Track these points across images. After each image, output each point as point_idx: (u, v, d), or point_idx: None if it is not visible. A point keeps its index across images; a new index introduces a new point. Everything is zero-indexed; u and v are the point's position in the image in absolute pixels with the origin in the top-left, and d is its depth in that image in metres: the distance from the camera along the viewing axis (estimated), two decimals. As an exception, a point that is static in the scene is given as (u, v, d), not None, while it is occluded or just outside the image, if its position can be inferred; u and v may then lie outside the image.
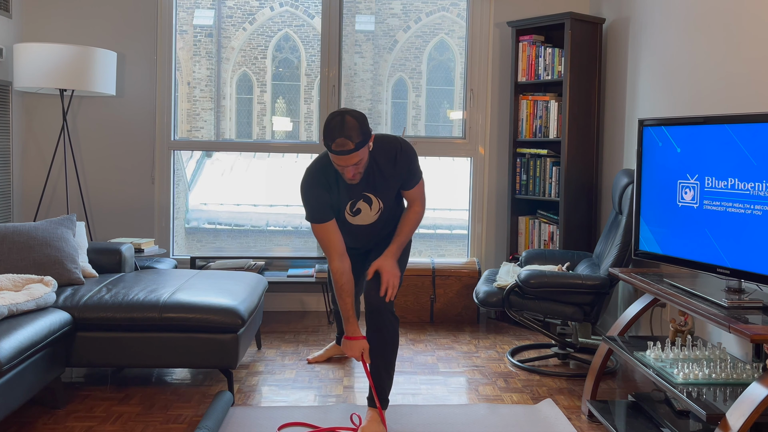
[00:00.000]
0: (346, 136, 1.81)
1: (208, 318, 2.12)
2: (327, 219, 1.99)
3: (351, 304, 2.02)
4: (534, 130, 3.26)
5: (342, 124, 1.82)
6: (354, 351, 2.02)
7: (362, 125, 1.84)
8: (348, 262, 2.02)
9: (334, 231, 2.01)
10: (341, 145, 1.82)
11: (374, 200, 2.04)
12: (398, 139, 2.03)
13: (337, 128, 1.82)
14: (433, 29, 3.56)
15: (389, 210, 2.11)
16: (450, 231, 3.70)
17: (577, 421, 2.09)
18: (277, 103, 3.56)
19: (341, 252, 2.01)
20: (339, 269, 2.00)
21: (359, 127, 1.83)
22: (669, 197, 1.99)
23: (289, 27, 3.54)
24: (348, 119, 1.83)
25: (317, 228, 2.01)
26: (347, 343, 2.03)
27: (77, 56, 2.95)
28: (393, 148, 2.00)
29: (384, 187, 2.03)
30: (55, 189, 3.37)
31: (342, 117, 1.83)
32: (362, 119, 1.86)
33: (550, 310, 2.48)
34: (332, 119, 1.84)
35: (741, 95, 2.11)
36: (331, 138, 1.83)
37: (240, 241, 3.59)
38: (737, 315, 1.60)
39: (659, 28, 2.67)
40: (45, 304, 2.09)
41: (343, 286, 2.00)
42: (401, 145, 2.01)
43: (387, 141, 2.01)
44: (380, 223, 2.12)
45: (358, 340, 2.01)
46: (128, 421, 2.02)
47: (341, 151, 1.82)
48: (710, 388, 1.68)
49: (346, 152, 1.82)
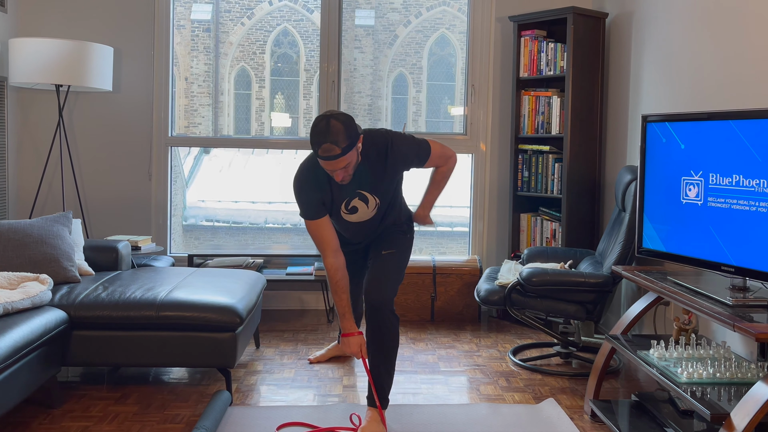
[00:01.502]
0: (332, 141, 1.78)
1: (206, 316, 2.11)
2: (319, 216, 1.98)
3: (347, 301, 2.01)
4: (536, 126, 3.24)
5: (327, 128, 1.79)
6: (352, 347, 2.01)
7: (348, 128, 1.81)
8: (342, 258, 2.02)
9: (327, 227, 2.00)
10: (327, 150, 1.79)
11: (369, 197, 2.02)
12: (388, 134, 1.98)
13: (323, 133, 1.79)
14: (434, 24, 3.54)
15: (387, 204, 2.09)
16: (451, 228, 3.68)
17: (580, 421, 2.08)
18: (276, 99, 3.54)
19: (335, 248, 2.00)
20: (333, 265, 1.99)
21: (345, 131, 1.80)
22: (673, 194, 1.97)
23: (288, 22, 3.52)
24: (333, 123, 1.80)
25: (310, 225, 2.00)
26: (345, 340, 2.02)
27: (73, 51, 2.93)
28: (383, 145, 1.96)
29: (378, 183, 2.00)
30: (51, 186, 3.36)
31: (327, 121, 1.80)
32: (348, 122, 1.82)
33: (553, 308, 2.46)
34: (317, 124, 1.81)
35: (746, 90, 2.09)
36: (317, 144, 1.80)
37: (238, 238, 3.58)
38: (742, 313, 1.59)
39: (663, 22, 2.65)
40: (40, 302, 2.08)
41: (338, 283, 1.99)
42: (392, 139, 1.97)
43: (377, 136, 1.97)
44: (378, 217, 2.10)
45: (355, 335, 2.00)
46: (125, 421, 2.01)
47: (328, 156, 1.80)
48: (714, 387, 1.67)
49: (332, 157, 1.80)
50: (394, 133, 2.00)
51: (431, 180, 2.19)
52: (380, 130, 2.00)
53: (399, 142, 1.98)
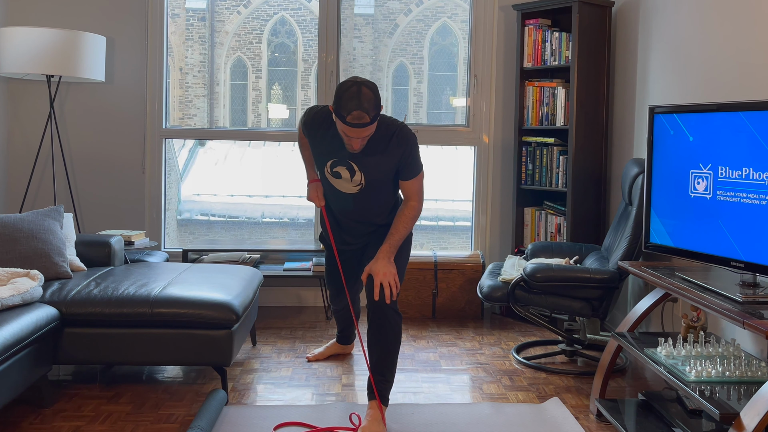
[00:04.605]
0: (364, 109, 1.78)
1: (201, 313, 2.09)
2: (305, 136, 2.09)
3: (309, 156, 2.21)
4: (540, 118, 3.21)
5: (359, 95, 1.78)
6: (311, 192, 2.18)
7: (377, 97, 1.84)
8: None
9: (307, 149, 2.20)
10: (358, 117, 1.78)
11: (357, 172, 2.00)
12: (399, 124, 1.99)
13: (355, 99, 1.78)
14: (436, 13, 3.48)
15: (377, 193, 2.05)
16: (453, 223, 3.66)
17: (585, 421, 2.07)
18: (273, 90, 3.49)
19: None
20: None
21: (374, 100, 1.81)
22: (681, 188, 1.96)
23: (285, 10, 3.47)
24: (365, 90, 1.79)
25: (301, 137, 2.20)
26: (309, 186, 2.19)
27: (64, 41, 2.89)
28: (391, 128, 1.96)
29: (371, 164, 1.98)
30: (42, 179, 3.33)
31: (359, 87, 1.79)
32: (377, 91, 1.85)
33: (557, 305, 2.44)
34: (348, 89, 1.79)
35: (756, 81, 2.06)
36: (346, 109, 1.78)
37: (234, 233, 3.55)
38: (752, 310, 1.57)
39: (671, 11, 2.62)
40: (31, 298, 2.06)
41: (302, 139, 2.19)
42: (400, 129, 1.97)
43: (388, 121, 1.98)
44: (364, 201, 2.06)
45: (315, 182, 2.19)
46: (118, 420, 1.99)
47: (357, 124, 1.79)
48: (724, 386, 1.65)
49: (362, 125, 1.79)
50: (406, 127, 2.00)
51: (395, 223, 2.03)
52: (393, 118, 2.02)
53: (406, 135, 1.97)
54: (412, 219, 2.03)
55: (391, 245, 1.98)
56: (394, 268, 1.95)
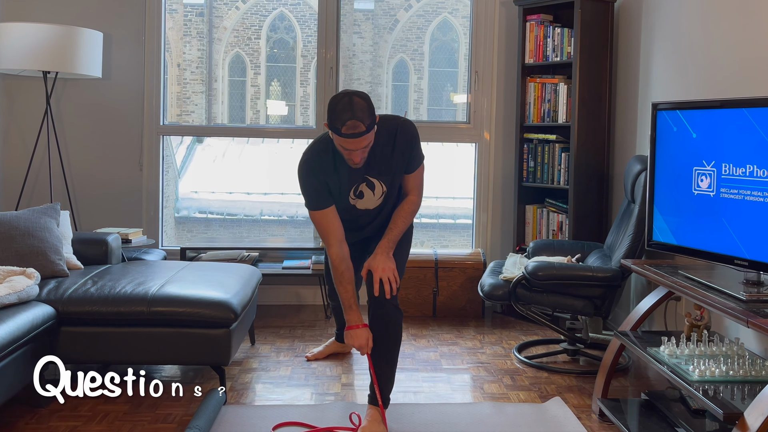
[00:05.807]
0: (358, 118, 1.76)
1: (199, 312, 2.08)
2: (326, 206, 1.96)
3: (352, 292, 1.98)
4: (542, 115, 3.19)
5: (351, 104, 1.77)
6: (360, 340, 1.95)
7: (370, 106, 1.82)
8: (347, 248, 1.99)
9: (333, 217, 1.98)
10: (353, 127, 1.77)
11: (377, 184, 2.00)
12: (398, 118, 1.99)
13: (347, 109, 1.77)
14: (436, 8, 3.47)
15: (395, 191, 2.06)
16: (454, 220, 3.65)
17: (588, 421, 2.06)
18: (272, 86, 3.48)
19: (340, 238, 1.98)
20: (338, 255, 1.96)
21: (367, 108, 1.80)
22: (684, 185, 1.95)
23: (284, 6, 3.45)
24: (356, 100, 1.79)
25: (316, 215, 1.98)
26: (350, 333, 1.97)
27: (61, 36, 2.88)
28: (393, 127, 1.95)
29: (386, 169, 1.98)
30: (38, 176, 3.31)
31: (350, 98, 1.79)
32: (369, 99, 1.84)
33: (559, 303, 2.43)
34: (339, 101, 1.80)
35: (760, 77, 2.04)
36: (340, 121, 1.77)
37: (232, 231, 3.55)
38: (756, 309, 1.56)
39: (674, 6, 2.61)
40: (27, 297, 2.05)
41: (343, 273, 1.96)
42: (402, 122, 1.97)
43: (387, 119, 1.97)
44: (386, 206, 2.07)
45: (361, 328, 1.95)
46: (115, 420, 1.98)
47: (353, 134, 1.77)
48: (727, 385, 1.64)
49: (357, 135, 1.78)
50: (405, 119, 1.99)
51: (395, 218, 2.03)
52: (389, 114, 2.00)
53: (408, 127, 1.98)
54: (411, 214, 2.04)
55: (389, 240, 1.98)
56: (393, 263, 1.95)
